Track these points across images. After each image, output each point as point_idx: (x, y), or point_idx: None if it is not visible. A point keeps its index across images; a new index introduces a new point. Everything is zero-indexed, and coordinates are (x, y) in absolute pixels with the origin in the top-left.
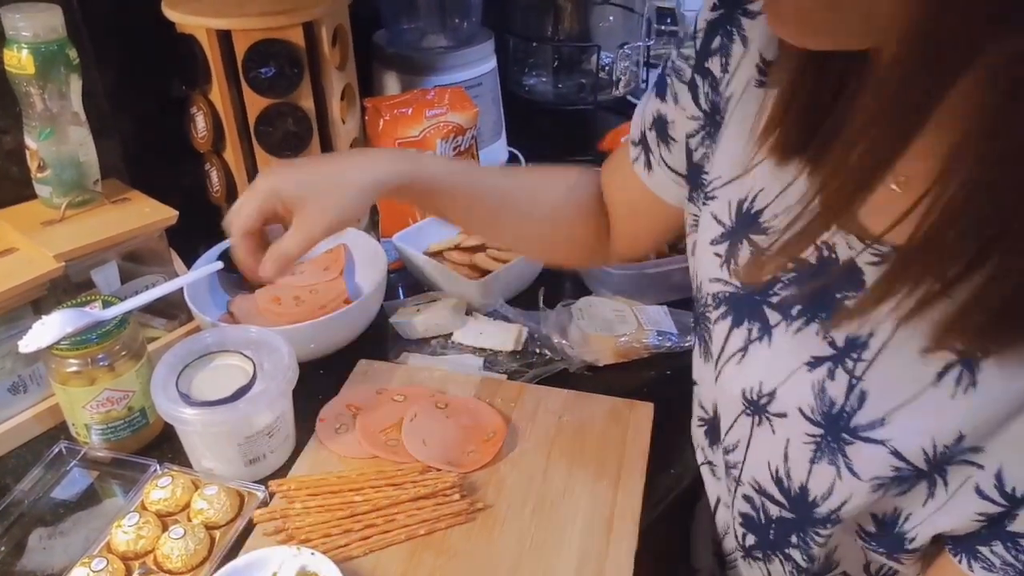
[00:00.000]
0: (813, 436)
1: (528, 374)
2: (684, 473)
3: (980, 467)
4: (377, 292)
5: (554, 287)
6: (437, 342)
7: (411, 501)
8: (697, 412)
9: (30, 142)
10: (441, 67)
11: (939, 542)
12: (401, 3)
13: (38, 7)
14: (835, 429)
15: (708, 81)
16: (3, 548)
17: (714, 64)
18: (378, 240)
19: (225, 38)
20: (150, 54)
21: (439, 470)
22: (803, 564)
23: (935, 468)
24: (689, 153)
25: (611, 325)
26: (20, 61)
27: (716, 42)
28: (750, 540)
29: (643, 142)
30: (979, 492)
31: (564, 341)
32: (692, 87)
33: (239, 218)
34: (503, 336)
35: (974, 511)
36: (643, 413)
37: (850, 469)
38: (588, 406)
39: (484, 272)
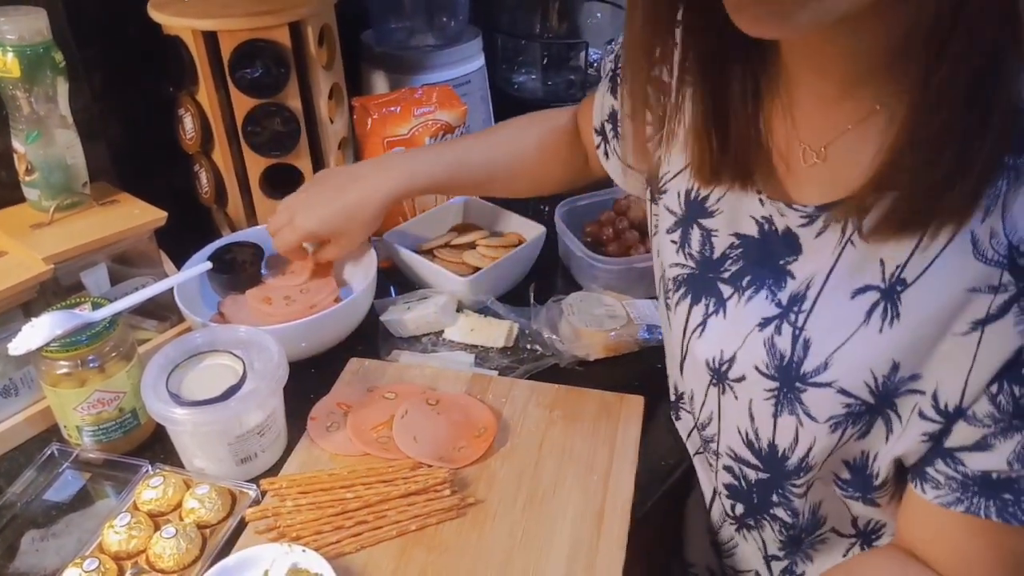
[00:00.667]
0: (771, 391)
1: (519, 370)
2: (675, 466)
3: (922, 392)
4: (367, 290)
5: (544, 283)
6: (428, 339)
7: (402, 497)
8: (672, 395)
9: (17, 145)
10: (429, 65)
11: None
12: (388, 2)
13: (23, 10)
14: (788, 380)
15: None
16: None
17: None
18: (368, 239)
19: (211, 39)
20: (137, 56)
21: (430, 466)
22: (790, 521)
23: (884, 401)
24: (647, 156)
25: (601, 320)
26: (6, 64)
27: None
28: (739, 509)
29: (602, 132)
30: (921, 414)
31: (554, 336)
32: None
33: (282, 245)
34: (494, 332)
35: (919, 432)
36: (633, 407)
37: (808, 415)
38: (579, 400)
39: (474, 269)
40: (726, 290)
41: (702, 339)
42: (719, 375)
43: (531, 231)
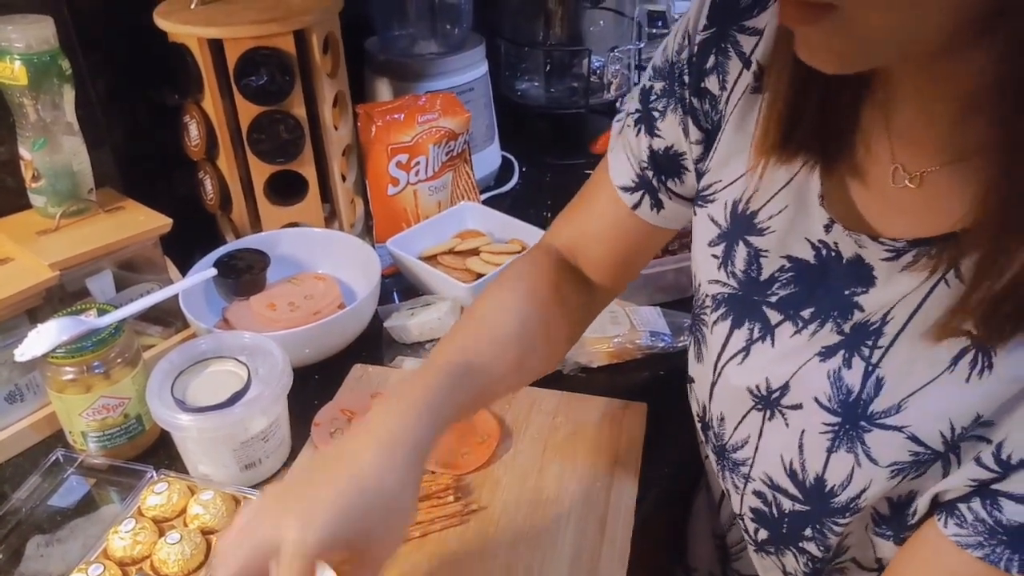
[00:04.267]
0: (830, 425)
1: None
2: (678, 473)
3: (988, 441)
4: (371, 297)
5: None
6: (432, 345)
7: None
8: (695, 409)
9: (24, 152)
10: (433, 73)
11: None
12: (392, 10)
13: (30, 18)
14: (853, 417)
15: (707, 100)
16: (1, 556)
17: (711, 83)
18: (372, 245)
19: (216, 47)
20: (142, 64)
21: (433, 472)
22: (819, 555)
23: (951, 448)
24: (699, 175)
25: (604, 326)
26: (13, 72)
27: (711, 61)
28: (762, 535)
29: (642, 184)
30: (978, 461)
31: None
32: (691, 112)
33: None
34: None
35: (968, 477)
36: (637, 414)
37: (868, 456)
38: (582, 407)
39: (478, 275)
40: (774, 316)
41: (743, 366)
42: (767, 401)
43: (534, 237)
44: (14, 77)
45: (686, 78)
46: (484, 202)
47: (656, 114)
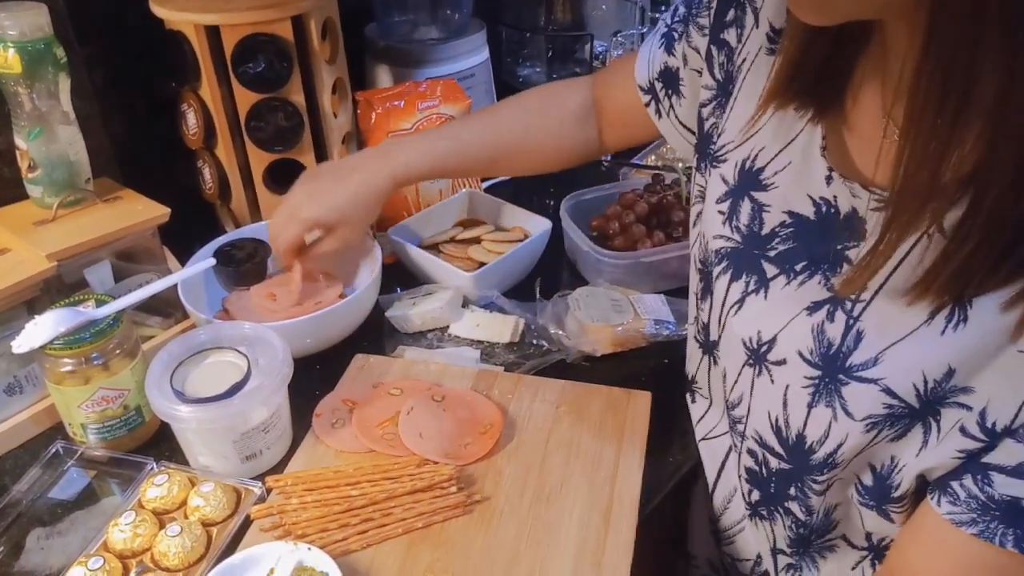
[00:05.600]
0: (811, 379)
1: (525, 365)
2: (683, 461)
3: (969, 408)
4: (372, 286)
5: (550, 277)
6: (433, 335)
7: (408, 494)
8: (689, 378)
9: (20, 142)
10: (433, 59)
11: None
12: None
13: (24, 6)
14: (832, 370)
15: (724, 51)
16: (1, 549)
17: (730, 35)
18: (373, 234)
19: (214, 34)
20: (139, 51)
21: (436, 463)
22: (802, 518)
23: (927, 408)
24: (701, 122)
25: (608, 315)
26: (7, 60)
27: (730, 14)
28: (755, 496)
29: (652, 91)
30: (963, 430)
31: (561, 332)
32: (708, 57)
33: (285, 240)
34: (500, 328)
35: (955, 449)
36: (641, 402)
37: (845, 409)
38: (585, 396)
39: (480, 264)
40: (770, 269)
41: (738, 316)
42: (757, 355)
43: (537, 226)
44: (8, 65)
45: (703, 21)
46: (485, 189)
47: (675, 35)
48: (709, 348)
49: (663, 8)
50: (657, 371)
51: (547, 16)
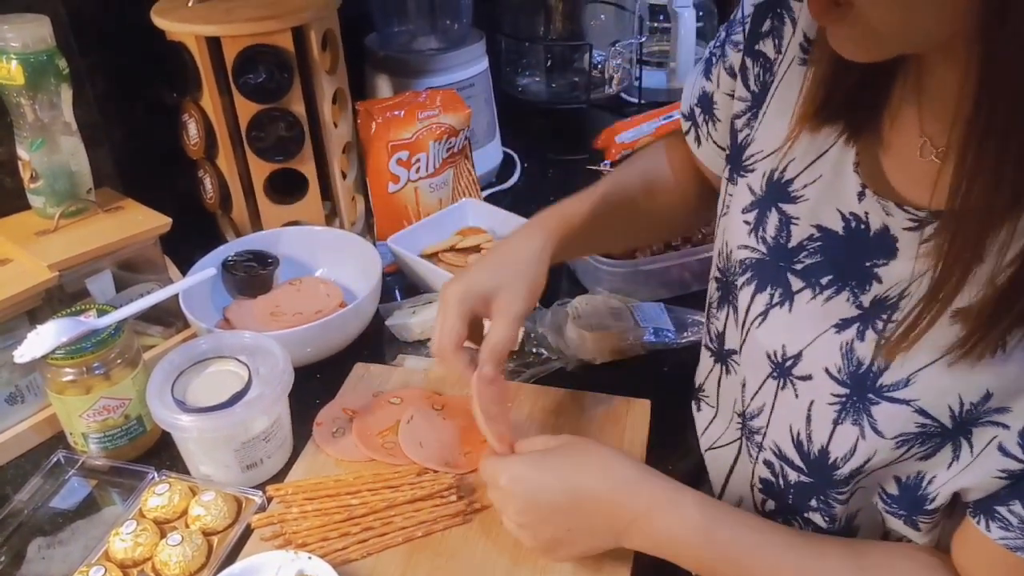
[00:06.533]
0: (838, 396)
1: (525, 374)
2: (682, 470)
3: (1006, 427)
4: (372, 295)
5: (550, 286)
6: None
7: (408, 503)
8: (697, 386)
9: (22, 153)
10: (433, 69)
11: (958, 511)
12: (392, 6)
13: (26, 17)
14: (861, 389)
15: (760, 62)
16: (3, 558)
17: (767, 46)
18: (373, 243)
19: (215, 45)
20: (140, 62)
21: (436, 472)
22: (824, 527)
23: (960, 428)
24: (734, 134)
25: (607, 323)
26: (9, 72)
27: (767, 24)
28: (770, 505)
29: (692, 117)
30: (1002, 450)
31: (560, 340)
32: (742, 70)
33: (447, 336)
34: None
35: (996, 468)
36: (640, 411)
37: (874, 428)
38: (585, 405)
39: None
40: (796, 283)
41: (762, 328)
42: (782, 369)
43: None
44: (11, 77)
45: (737, 38)
46: (486, 199)
47: (714, 59)
48: (723, 357)
49: (661, 17)
50: (656, 379)
51: (546, 26)
